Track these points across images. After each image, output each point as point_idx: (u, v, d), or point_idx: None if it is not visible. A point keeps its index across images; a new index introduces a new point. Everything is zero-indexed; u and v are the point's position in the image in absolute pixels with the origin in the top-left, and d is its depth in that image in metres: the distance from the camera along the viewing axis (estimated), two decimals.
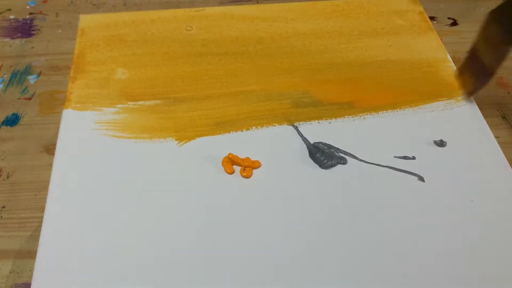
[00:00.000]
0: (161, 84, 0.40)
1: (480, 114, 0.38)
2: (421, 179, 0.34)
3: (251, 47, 0.43)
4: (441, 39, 0.45)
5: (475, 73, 0.37)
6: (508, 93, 0.44)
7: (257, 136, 0.36)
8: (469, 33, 0.51)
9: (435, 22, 0.52)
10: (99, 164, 0.35)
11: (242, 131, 0.37)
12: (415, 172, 0.34)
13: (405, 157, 0.35)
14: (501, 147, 0.36)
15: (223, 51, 0.43)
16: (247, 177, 0.34)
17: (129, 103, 0.39)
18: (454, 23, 0.52)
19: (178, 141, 0.36)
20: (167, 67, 0.41)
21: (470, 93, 0.38)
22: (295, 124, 0.37)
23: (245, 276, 0.29)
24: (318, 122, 0.37)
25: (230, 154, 0.35)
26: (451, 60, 0.42)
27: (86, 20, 0.45)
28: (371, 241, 0.31)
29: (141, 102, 0.39)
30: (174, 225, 0.32)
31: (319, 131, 0.37)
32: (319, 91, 0.39)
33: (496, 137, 0.37)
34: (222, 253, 0.30)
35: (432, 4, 0.54)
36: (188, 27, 0.45)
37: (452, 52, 0.48)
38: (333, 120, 0.38)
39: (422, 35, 0.45)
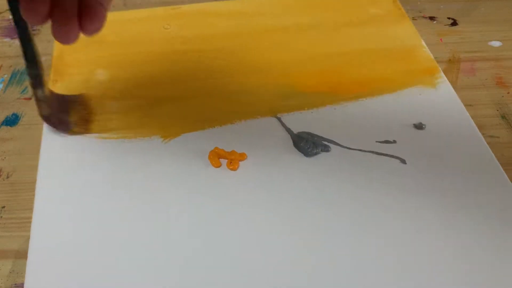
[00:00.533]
0: (142, 83, 0.40)
1: (456, 96, 0.39)
2: (403, 161, 0.35)
3: (230, 42, 0.43)
4: (440, 39, 0.45)
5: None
6: (508, 93, 0.44)
7: (241, 129, 0.37)
8: (469, 33, 0.50)
9: (435, 22, 0.52)
10: (84, 164, 0.35)
11: (227, 125, 0.37)
12: (396, 155, 0.35)
13: (386, 141, 0.36)
14: (501, 147, 0.36)
15: (202, 48, 0.43)
16: (234, 169, 0.34)
17: (111, 103, 0.39)
18: (454, 23, 0.52)
19: (163, 138, 0.36)
20: (147, 66, 0.42)
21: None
22: (278, 115, 0.38)
23: (235, 269, 0.30)
24: (301, 113, 0.38)
25: (216, 148, 0.35)
26: (425, 45, 0.43)
27: None
28: (358, 225, 0.31)
29: (123, 102, 0.39)
30: (163, 222, 0.32)
31: (302, 121, 0.37)
32: (300, 83, 0.40)
33: (496, 137, 0.37)
34: (211, 247, 0.31)
35: (432, 4, 0.53)
36: (166, 25, 0.45)
37: (452, 52, 0.48)
38: (315, 109, 0.38)
39: (396, 23, 0.46)
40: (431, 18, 0.51)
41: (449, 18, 0.52)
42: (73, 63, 0.42)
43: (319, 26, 0.45)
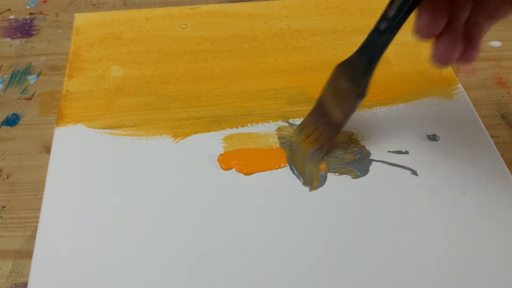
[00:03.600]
0: (156, 81, 0.40)
1: (473, 108, 0.38)
2: (414, 173, 0.34)
3: (245, 45, 0.43)
4: None
5: (323, 127, 0.34)
6: (508, 93, 0.44)
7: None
8: None
9: None
10: (94, 161, 0.35)
11: (238, 127, 0.37)
12: (408, 166, 0.35)
13: (398, 152, 0.36)
14: (501, 147, 0.36)
15: (217, 49, 0.43)
16: (243, 173, 0.34)
17: (125, 100, 0.39)
18: None
19: (173, 138, 0.36)
20: (162, 64, 0.42)
21: (319, 149, 0.35)
22: (289, 120, 0.37)
23: (238, 274, 0.30)
24: None
25: (226, 150, 0.35)
26: None
27: (81, 19, 0.45)
28: (364, 234, 0.31)
29: (136, 100, 0.39)
30: (171, 223, 0.32)
31: None
32: (313, 88, 0.39)
33: (496, 137, 0.37)
34: (219, 250, 0.31)
35: None
36: (183, 25, 0.45)
37: None
38: None
39: None
40: None
41: None
42: (89, 59, 0.42)
43: (335, 31, 0.45)
